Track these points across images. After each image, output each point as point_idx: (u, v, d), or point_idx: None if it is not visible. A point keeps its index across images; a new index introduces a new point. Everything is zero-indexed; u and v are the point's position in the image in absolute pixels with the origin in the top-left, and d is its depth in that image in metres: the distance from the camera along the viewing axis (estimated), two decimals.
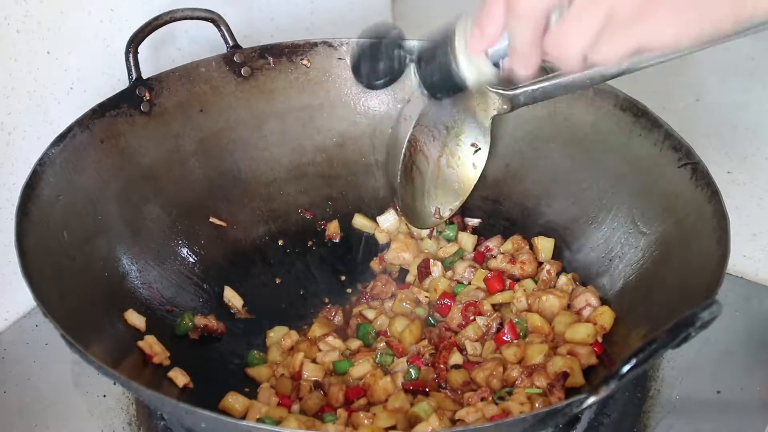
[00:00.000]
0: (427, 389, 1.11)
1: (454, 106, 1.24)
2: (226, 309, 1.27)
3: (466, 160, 1.29)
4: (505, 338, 1.17)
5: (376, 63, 1.01)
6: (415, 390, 1.11)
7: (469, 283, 1.27)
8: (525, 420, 0.88)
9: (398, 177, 1.22)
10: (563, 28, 0.77)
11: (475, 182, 1.26)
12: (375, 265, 1.35)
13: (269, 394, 1.12)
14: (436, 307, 1.24)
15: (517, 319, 1.19)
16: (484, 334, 1.19)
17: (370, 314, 1.25)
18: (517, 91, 1.20)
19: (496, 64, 0.90)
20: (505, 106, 1.23)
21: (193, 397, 1.10)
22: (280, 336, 1.22)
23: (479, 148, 1.28)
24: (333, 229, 1.40)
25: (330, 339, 1.20)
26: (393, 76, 1.02)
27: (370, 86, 1.03)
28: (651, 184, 1.19)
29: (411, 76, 0.99)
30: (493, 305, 1.23)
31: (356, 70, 1.02)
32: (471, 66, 0.92)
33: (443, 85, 0.96)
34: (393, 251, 1.35)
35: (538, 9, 0.78)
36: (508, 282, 1.26)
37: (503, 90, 1.21)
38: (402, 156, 1.20)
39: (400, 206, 1.22)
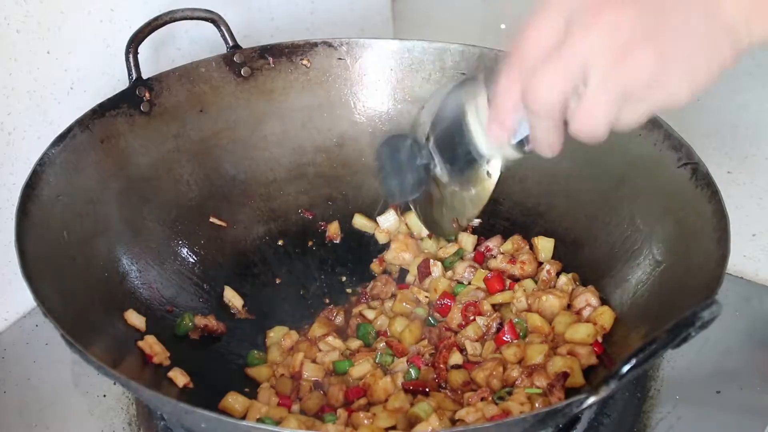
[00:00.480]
0: (427, 389, 1.11)
1: None
2: (226, 309, 1.27)
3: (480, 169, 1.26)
4: (505, 338, 1.17)
5: (404, 180, 1.04)
6: (415, 390, 1.11)
7: (469, 283, 1.27)
8: (525, 420, 0.88)
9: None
10: (584, 113, 0.79)
11: (491, 190, 1.23)
12: (375, 266, 1.35)
13: (269, 394, 1.12)
14: (436, 307, 1.24)
15: (517, 319, 1.19)
16: (484, 334, 1.19)
17: (370, 314, 1.25)
18: None
19: (520, 141, 0.92)
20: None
21: (193, 397, 1.10)
22: (280, 336, 1.22)
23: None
24: (333, 230, 1.40)
25: (330, 339, 1.20)
26: (421, 184, 1.05)
27: (405, 200, 1.08)
28: (651, 184, 1.19)
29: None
30: (493, 305, 1.23)
31: (388, 191, 1.07)
32: (495, 153, 0.95)
33: (467, 168, 1.01)
34: (393, 251, 1.35)
35: (555, 101, 0.80)
36: (508, 282, 1.26)
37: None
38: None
39: (420, 219, 1.18)
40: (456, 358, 1.16)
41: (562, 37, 0.78)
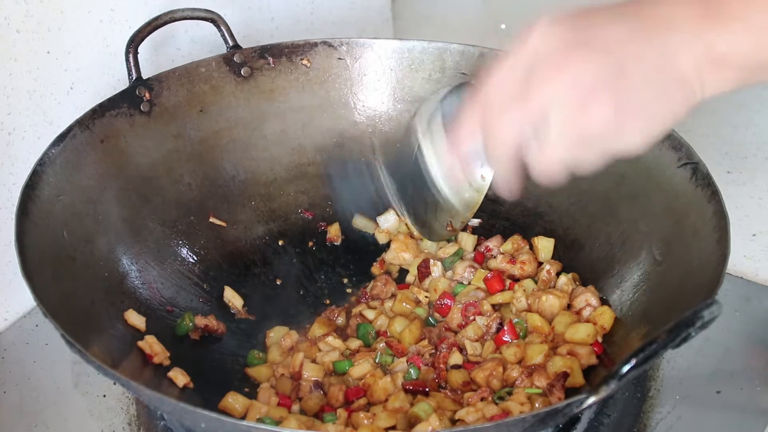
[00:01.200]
0: (427, 389, 1.11)
1: None
2: (226, 309, 1.27)
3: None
4: (505, 338, 1.17)
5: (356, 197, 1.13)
6: (415, 390, 1.11)
7: (469, 283, 1.27)
8: (525, 420, 0.88)
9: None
10: (544, 156, 0.85)
11: (484, 194, 1.23)
12: (376, 269, 1.35)
13: (269, 394, 1.12)
14: (436, 307, 1.24)
15: (517, 319, 1.19)
16: (484, 334, 1.19)
17: (369, 314, 1.25)
18: None
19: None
20: None
21: (193, 397, 1.10)
22: (280, 336, 1.22)
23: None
24: (334, 232, 1.40)
25: (330, 339, 1.20)
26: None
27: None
28: (651, 184, 1.19)
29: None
30: (493, 305, 1.23)
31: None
32: (457, 197, 1.01)
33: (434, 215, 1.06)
34: (393, 251, 1.34)
35: (512, 142, 0.85)
36: (507, 282, 1.26)
37: None
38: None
39: (412, 221, 1.19)
40: (456, 358, 1.16)
41: (525, 84, 0.82)
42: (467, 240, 1.34)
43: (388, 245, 1.37)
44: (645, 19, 0.81)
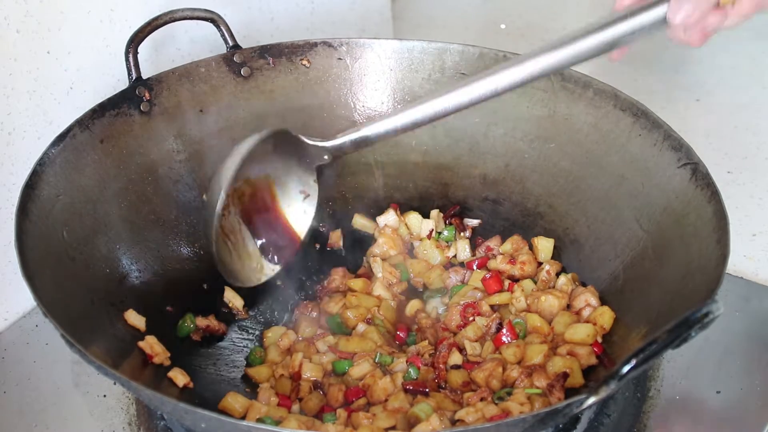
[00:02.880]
0: (427, 389, 1.11)
1: (278, 160, 1.19)
2: (226, 309, 1.27)
3: (297, 207, 1.24)
4: (504, 339, 1.17)
5: None
6: (415, 390, 1.11)
7: (465, 283, 1.28)
8: (525, 420, 0.88)
9: (213, 236, 1.12)
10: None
11: (308, 228, 1.23)
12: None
13: (269, 394, 1.12)
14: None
15: (516, 320, 1.19)
16: (484, 334, 1.19)
17: (333, 308, 1.26)
18: (336, 142, 1.17)
19: None
20: (326, 157, 1.19)
21: (193, 397, 1.10)
22: (277, 336, 1.22)
23: (308, 195, 1.24)
24: (335, 238, 1.40)
25: (329, 338, 1.20)
26: None
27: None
28: (651, 184, 1.19)
29: None
30: (491, 306, 1.23)
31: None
32: None
33: None
34: (379, 245, 1.35)
35: None
36: (507, 282, 1.26)
37: (321, 142, 1.18)
38: (218, 214, 1.10)
39: (218, 267, 1.14)
40: (456, 358, 1.16)
41: None
42: (462, 245, 1.35)
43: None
44: None
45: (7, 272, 1.27)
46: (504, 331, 1.17)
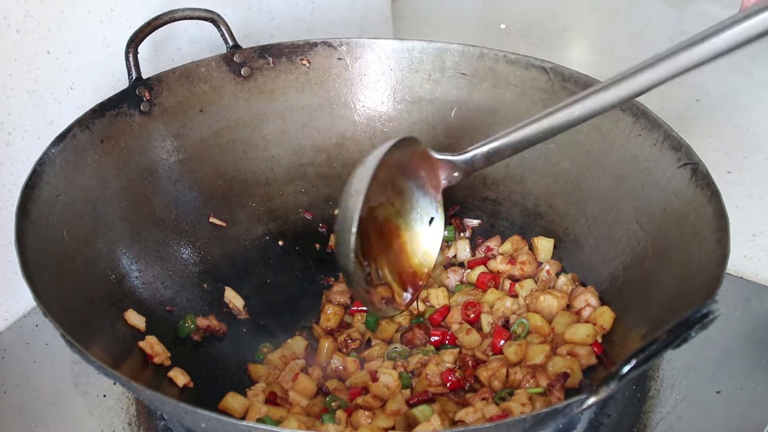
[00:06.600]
0: (433, 397, 1.11)
1: (404, 183, 1.11)
2: (226, 309, 1.27)
3: (423, 235, 1.14)
4: (503, 339, 1.17)
5: None
6: (419, 402, 1.09)
7: (463, 283, 1.28)
8: (525, 420, 0.88)
9: (351, 260, 1.01)
10: None
11: (435, 258, 1.13)
12: None
13: (259, 395, 1.12)
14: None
15: (519, 319, 1.19)
16: (485, 335, 1.19)
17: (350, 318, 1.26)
18: (467, 155, 1.07)
19: None
20: (456, 174, 1.10)
21: (193, 397, 1.10)
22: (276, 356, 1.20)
23: (432, 218, 1.14)
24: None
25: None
26: None
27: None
28: (651, 184, 1.19)
29: None
30: (491, 306, 1.23)
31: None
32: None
33: None
34: None
35: None
36: (507, 283, 1.26)
37: (451, 156, 1.08)
38: (353, 236, 0.99)
39: (354, 294, 1.07)
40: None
41: None
42: (462, 245, 1.34)
43: None
44: None
45: (7, 272, 1.27)
46: (502, 332, 1.17)
